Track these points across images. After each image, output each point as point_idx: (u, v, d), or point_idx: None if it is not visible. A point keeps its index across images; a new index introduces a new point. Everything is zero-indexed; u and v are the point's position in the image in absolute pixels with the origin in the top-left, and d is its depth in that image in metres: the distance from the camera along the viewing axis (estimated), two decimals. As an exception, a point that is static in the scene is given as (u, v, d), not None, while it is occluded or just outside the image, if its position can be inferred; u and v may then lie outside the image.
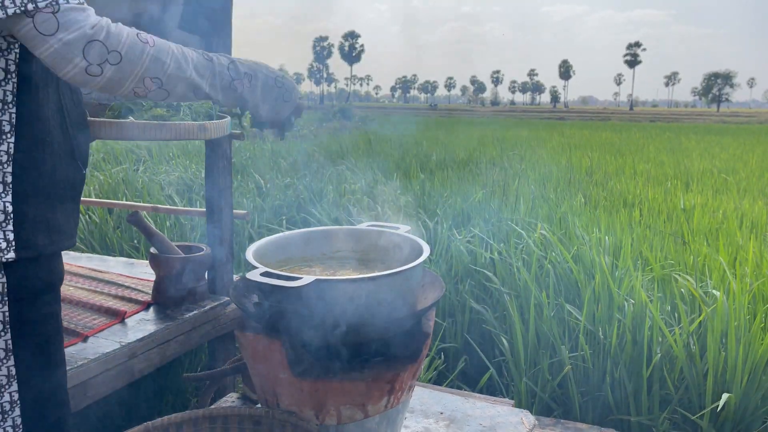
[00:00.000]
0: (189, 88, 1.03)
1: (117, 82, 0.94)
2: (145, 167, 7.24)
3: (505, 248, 3.51)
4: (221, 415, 1.28)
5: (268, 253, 1.43)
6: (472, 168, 8.31)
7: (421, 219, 4.34)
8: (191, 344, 2.05)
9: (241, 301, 1.35)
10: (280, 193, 5.58)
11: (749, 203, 5.86)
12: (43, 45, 0.88)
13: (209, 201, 2.28)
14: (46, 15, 0.87)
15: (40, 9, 0.87)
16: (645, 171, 8.79)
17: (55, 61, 0.89)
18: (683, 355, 2.29)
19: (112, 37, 0.91)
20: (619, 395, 2.35)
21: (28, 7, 0.86)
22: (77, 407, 1.62)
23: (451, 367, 2.78)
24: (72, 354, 1.67)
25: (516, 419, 1.68)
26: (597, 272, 2.70)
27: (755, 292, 2.67)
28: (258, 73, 1.16)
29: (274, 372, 1.26)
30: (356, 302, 1.19)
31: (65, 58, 0.88)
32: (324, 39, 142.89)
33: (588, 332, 2.53)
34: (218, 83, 1.08)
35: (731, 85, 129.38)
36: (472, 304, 2.95)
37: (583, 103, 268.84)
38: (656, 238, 3.90)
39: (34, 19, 0.87)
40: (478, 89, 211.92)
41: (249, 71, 1.14)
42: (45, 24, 0.87)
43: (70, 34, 0.88)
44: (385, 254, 1.51)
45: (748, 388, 2.17)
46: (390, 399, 1.30)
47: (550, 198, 5.68)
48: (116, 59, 0.92)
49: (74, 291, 2.21)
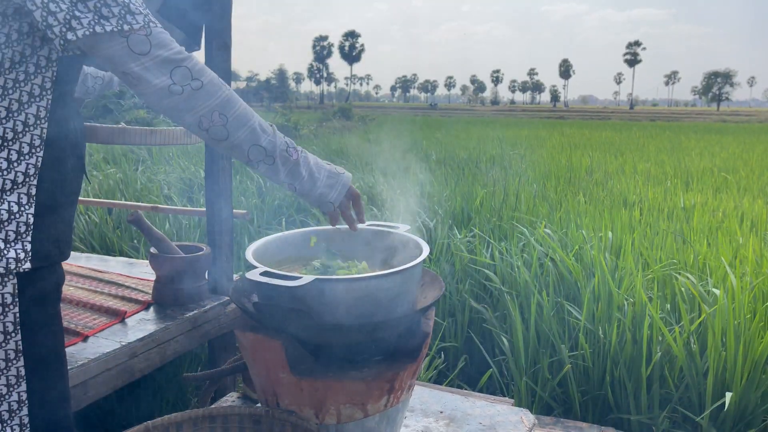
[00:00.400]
0: (249, 136, 1.09)
1: (190, 107, 1.02)
2: (144, 167, 7.24)
3: (506, 247, 3.51)
4: (221, 415, 1.28)
5: (267, 252, 1.43)
6: (472, 167, 8.31)
7: (421, 218, 4.34)
8: (191, 344, 2.05)
9: (241, 301, 1.35)
10: (280, 193, 5.58)
11: (749, 202, 5.86)
12: (135, 62, 0.97)
13: (209, 201, 2.28)
14: (140, 36, 0.97)
15: (135, 31, 0.96)
16: (645, 170, 8.79)
17: (143, 76, 0.98)
18: (683, 354, 2.29)
19: (198, 68, 1.02)
20: (619, 394, 2.35)
21: (123, 28, 0.95)
22: (78, 407, 1.62)
23: (451, 366, 2.78)
24: (72, 354, 1.67)
25: (516, 418, 1.68)
26: (597, 271, 2.70)
27: (755, 291, 2.67)
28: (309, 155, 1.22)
29: (273, 371, 1.27)
30: (356, 301, 1.19)
31: (154, 74, 0.98)
32: (324, 38, 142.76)
33: (588, 331, 2.54)
34: (276, 143, 1.13)
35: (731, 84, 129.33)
36: (472, 303, 2.95)
37: (583, 103, 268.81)
38: (657, 238, 3.90)
39: (129, 39, 0.96)
40: (478, 88, 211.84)
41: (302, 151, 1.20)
42: (139, 45, 0.97)
43: (163, 53, 0.98)
44: (385, 253, 1.51)
45: (747, 386, 2.17)
46: (390, 398, 1.30)
47: (551, 197, 5.68)
48: (197, 86, 1.01)
49: (74, 291, 2.21)
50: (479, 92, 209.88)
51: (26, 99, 1.00)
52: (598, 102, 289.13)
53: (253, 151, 1.11)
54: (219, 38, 2.19)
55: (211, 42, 2.18)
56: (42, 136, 1.02)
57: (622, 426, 2.31)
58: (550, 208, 4.93)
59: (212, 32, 2.17)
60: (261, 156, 1.12)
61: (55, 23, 0.92)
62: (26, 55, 0.99)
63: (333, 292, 1.18)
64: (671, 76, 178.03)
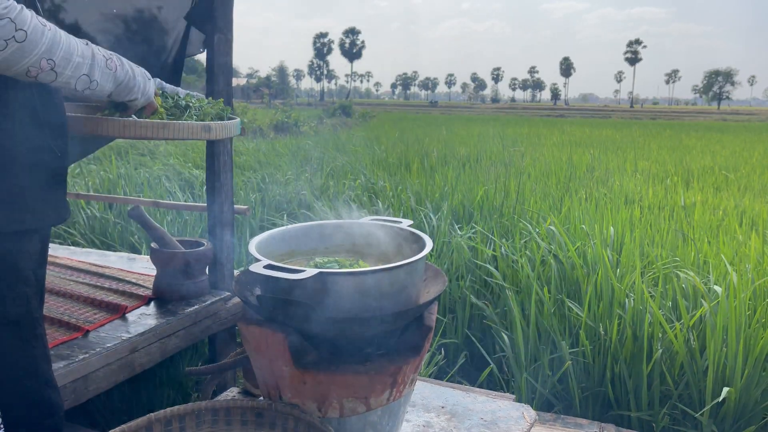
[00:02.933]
0: (74, 70, 1.07)
1: (16, 60, 0.97)
2: (146, 161, 7.23)
3: (508, 243, 3.51)
4: (224, 408, 1.29)
5: (270, 246, 1.43)
6: (473, 164, 8.30)
7: (423, 214, 4.34)
8: (192, 339, 2.05)
9: (244, 294, 1.35)
10: (281, 189, 5.57)
11: (750, 200, 5.86)
12: None
13: (210, 196, 2.28)
14: None
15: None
16: (646, 168, 8.79)
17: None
18: (684, 351, 2.29)
19: (21, 17, 0.95)
20: (620, 391, 2.35)
21: None
22: (79, 401, 1.62)
23: (451, 362, 2.78)
24: (73, 348, 1.67)
25: (517, 413, 1.68)
26: (600, 267, 2.70)
27: (756, 288, 2.67)
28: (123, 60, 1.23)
29: (276, 364, 1.26)
30: (359, 295, 1.19)
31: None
32: (324, 35, 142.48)
33: (588, 328, 2.54)
34: (95, 65, 1.13)
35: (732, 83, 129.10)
36: (472, 299, 2.95)
37: (583, 101, 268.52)
38: (657, 235, 3.90)
39: None
40: (478, 86, 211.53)
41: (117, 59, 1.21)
42: None
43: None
44: (388, 248, 1.51)
45: (748, 383, 2.17)
46: (392, 392, 1.30)
47: (552, 194, 5.68)
48: (22, 37, 0.96)
49: (75, 286, 2.21)
50: (480, 90, 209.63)
51: None
52: (599, 100, 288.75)
53: (80, 83, 1.11)
54: (220, 33, 2.19)
55: (213, 37, 2.18)
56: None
57: (623, 422, 2.31)
58: (552, 205, 4.92)
59: (214, 28, 2.17)
60: (86, 84, 1.13)
61: None
62: None
63: (336, 286, 1.18)
64: (672, 74, 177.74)
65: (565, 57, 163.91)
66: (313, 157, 8.59)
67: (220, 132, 1.51)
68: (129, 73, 1.23)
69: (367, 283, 1.20)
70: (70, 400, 1.59)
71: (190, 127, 1.42)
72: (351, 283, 1.19)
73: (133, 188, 5.54)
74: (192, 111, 1.54)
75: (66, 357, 1.62)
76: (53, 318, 1.85)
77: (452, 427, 1.62)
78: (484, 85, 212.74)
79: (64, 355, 1.63)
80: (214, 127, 1.48)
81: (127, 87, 1.24)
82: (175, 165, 6.88)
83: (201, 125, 1.45)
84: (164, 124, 1.37)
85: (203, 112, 1.57)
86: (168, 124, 1.37)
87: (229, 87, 2.24)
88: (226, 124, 1.53)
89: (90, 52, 1.12)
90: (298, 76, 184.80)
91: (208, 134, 1.47)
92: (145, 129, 1.34)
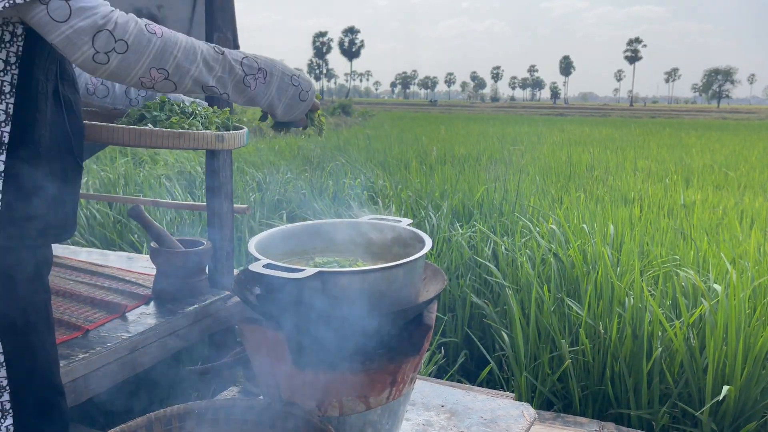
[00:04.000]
0: (196, 81, 1.04)
1: (124, 71, 0.97)
2: (145, 161, 7.23)
3: (508, 242, 3.52)
4: (223, 407, 1.29)
5: (270, 245, 1.43)
6: (472, 163, 8.30)
7: (422, 213, 4.34)
8: (192, 338, 2.05)
9: (244, 293, 1.35)
10: (280, 188, 5.57)
11: (750, 199, 5.86)
12: (56, 31, 0.92)
13: (209, 195, 2.28)
14: (59, 2, 0.91)
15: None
16: (645, 167, 8.79)
17: (66, 46, 0.93)
18: (683, 349, 2.29)
19: (120, 28, 0.95)
20: (619, 389, 2.35)
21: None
22: (78, 400, 1.62)
23: (451, 361, 2.79)
24: (73, 348, 1.68)
25: (517, 412, 1.69)
26: (600, 266, 2.70)
27: (755, 287, 2.67)
28: (273, 70, 1.15)
29: (276, 363, 1.27)
30: (358, 294, 1.19)
31: (75, 44, 0.92)
32: (323, 34, 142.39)
33: (588, 326, 2.54)
34: (228, 78, 1.08)
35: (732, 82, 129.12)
36: (472, 298, 2.95)
37: (583, 100, 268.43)
38: (657, 234, 3.90)
39: (48, 5, 0.91)
40: (478, 85, 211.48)
41: (264, 67, 1.13)
42: (58, 11, 0.91)
43: (81, 21, 0.92)
44: (387, 247, 1.51)
45: (747, 381, 2.18)
46: (392, 391, 1.30)
47: (551, 193, 5.68)
48: (123, 48, 0.95)
49: (75, 285, 2.21)
50: (479, 89, 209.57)
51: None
52: (599, 99, 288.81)
53: (207, 91, 1.08)
54: (220, 33, 2.18)
55: (212, 36, 2.17)
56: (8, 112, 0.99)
57: (622, 421, 2.32)
58: (551, 204, 4.93)
59: (214, 26, 2.17)
60: (216, 93, 1.09)
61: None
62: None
63: (336, 285, 1.18)
64: (671, 73, 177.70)
65: (565, 56, 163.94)
66: (312, 156, 8.59)
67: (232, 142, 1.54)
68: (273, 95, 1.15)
69: (367, 282, 1.20)
70: (70, 400, 1.58)
71: (205, 136, 1.43)
72: (350, 282, 1.19)
73: (133, 188, 5.54)
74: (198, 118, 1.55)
75: (66, 356, 1.61)
76: (53, 317, 1.85)
77: (452, 425, 1.62)
78: (483, 84, 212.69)
79: (64, 354, 1.63)
80: (227, 137, 1.51)
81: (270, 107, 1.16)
82: (175, 164, 6.88)
83: (215, 135, 1.46)
84: (179, 133, 1.37)
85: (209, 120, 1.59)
86: (183, 134, 1.37)
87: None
88: (236, 134, 1.56)
89: (222, 61, 1.07)
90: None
91: (221, 144, 1.48)
92: (161, 138, 1.34)
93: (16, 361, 1.07)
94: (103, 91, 1.60)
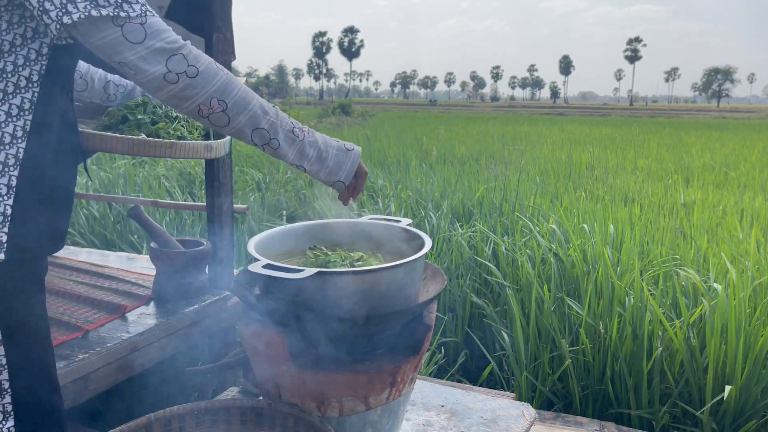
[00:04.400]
0: (250, 120, 1.08)
1: (188, 94, 1.01)
2: (144, 161, 7.23)
3: (509, 241, 3.51)
4: (223, 407, 1.29)
5: (269, 245, 1.43)
6: (472, 163, 8.30)
7: (422, 213, 4.34)
8: (192, 339, 2.05)
9: (243, 294, 1.35)
10: (280, 188, 5.57)
11: (750, 198, 5.86)
12: (130, 51, 0.96)
13: (209, 195, 2.27)
14: (134, 25, 0.96)
15: (131, 19, 0.95)
16: (645, 166, 8.79)
17: (139, 65, 0.97)
18: (684, 349, 2.29)
19: (193, 55, 1.01)
20: (620, 389, 2.35)
21: (120, 15, 0.94)
22: (78, 400, 1.62)
23: (451, 361, 2.79)
24: (73, 348, 1.67)
25: (517, 412, 1.68)
26: (600, 265, 2.70)
27: (756, 286, 2.67)
28: (317, 134, 1.19)
29: (276, 364, 1.26)
30: (358, 294, 1.19)
31: (149, 63, 0.97)
32: (323, 34, 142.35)
33: (588, 326, 2.54)
34: (278, 124, 1.12)
35: (731, 81, 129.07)
36: (473, 298, 2.95)
37: (583, 99, 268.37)
38: (657, 233, 3.90)
39: (123, 27, 0.95)
40: (477, 85, 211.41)
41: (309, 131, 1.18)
42: (133, 33, 0.96)
43: (157, 43, 0.97)
44: (387, 247, 1.51)
45: (748, 381, 2.18)
46: (392, 391, 1.30)
47: (552, 193, 5.68)
48: (193, 73, 1.00)
49: (74, 286, 2.21)
50: (479, 88, 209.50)
51: (11, 90, 1.00)
52: (598, 98, 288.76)
53: (256, 135, 1.10)
54: (219, 33, 2.18)
55: (211, 37, 2.17)
56: (25, 128, 1.02)
57: (623, 421, 2.31)
58: (551, 204, 4.92)
59: (212, 27, 2.16)
60: (265, 139, 1.11)
61: (51, 8, 0.92)
62: (16, 45, 0.99)
63: (335, 285, 1.18)
64: (671, 72, 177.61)
65: (565, 55, 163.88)
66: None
67: (219, 150, 1.68)
68: (321, 149, 1.17)
69: (366, 283, 1.19)
70: (70, 400, 1.59)
71: (195, 147, 1.56)
72: (350, 282, 1.19)
73: (133, 188, 5.54)
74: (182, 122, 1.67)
75: (66, 357, 1.61)
76: (53, 317, 1.84)
77: (452, 425, 1.62)
78: (483, 83, 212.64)
79: (64, 355, 1.63)
80: (215, 146, 1.64)
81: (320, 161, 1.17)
82: (175, 164, 6.88)
83: (204, 145, 1.59)
84: (171, 143, 1.49)
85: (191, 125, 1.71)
86: (175, 144, 1.50)
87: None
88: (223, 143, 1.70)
89: (275, 111, 1.12)
90: (297, 75, 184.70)
91: (210, 153, 1.62)
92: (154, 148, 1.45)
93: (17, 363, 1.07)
94: (82, 85, 1.62)
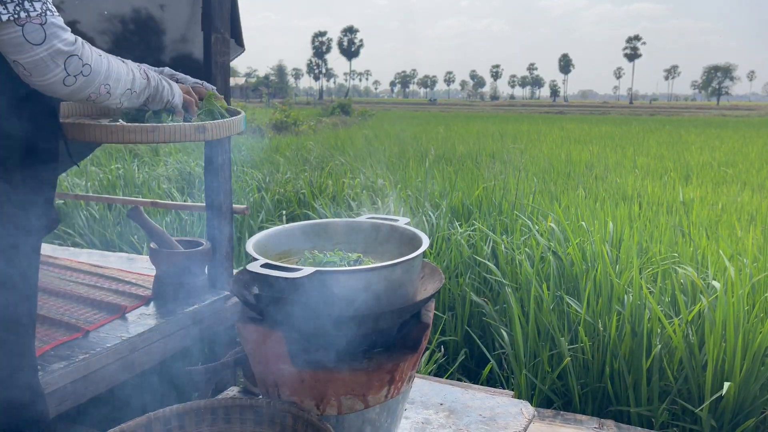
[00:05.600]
0: (123, 88, 1.13)
1: (81, 91, 1.05)
2: (144, 162, 7.23)
3: (508, 240, 3.52)
4: (222, 406, 1.29)
5: (268, 245, 1.44)
6: (471, 162, 8.30)
7: (421, 212, 4.34)
8: (192, 338, 2.06)
9: (242, 293, 1.35)
10: (280, 188, 5.58)
11: (749, 196, 5.87)
12: (29, 52, 0.95)
13: (209, 196, 2.28)
14: (35, 26, 0.94)
15: (31, 19, 0.93)
16: (645, 164, 8.79)
17: (38, 68, 0.96)
18: (683, 346, 2.30)
19: (86, 52, 1.02)
20: (619, 387, 2.36)
21: (20, 15, 0.92)
22: (79, 401, 1.63)
23: (450, 360, 2.79)
24: (73, 348, 1.68)
25: (516, 410, 1.69)
26: (599, 263, 2.71)
27: (754, 283, 2.67)
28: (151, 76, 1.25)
29: (274, 363, 1.27)
30: (356, 293, 1.20)
31: (48, 67, 0.97)
32: (323, 34, 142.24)
33: (587, 324, 2.54)
34: (138, 84, 1.18)
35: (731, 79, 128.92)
36: (472, 296, 2.95)
37: (582, 97, 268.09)
38: (656, 231, 3.90)
39: (24, 27, 0.93)
40: (477, 84, 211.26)
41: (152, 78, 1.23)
42: (33, 33, 0.94)
43: (57, 44, 0.96)
44: (385, 246, 1.51)
45: (746, 378, 2.18)
46: (390, 389, 1.30)
47: (551, 191, 5.68)
48: (87, 71, 1.03)
49: (75, 286, 2.22)
50: (479, 88, 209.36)
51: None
52: (598, 97, 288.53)
53: (125, 99, 1.16)
54: (218, 33, 2.19)
55: (210, 37, 2.18)
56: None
57: (622, 418, 2.32)
58: (551, 202, 4.93)
59: (211, 27, 2.17)
60: (129, 98, 1.17)
61: None
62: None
63: (333, 284, 1.18)
64: (671, 70, 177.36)
65: (564, 54, 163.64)
66: (312, 155, 8.59)
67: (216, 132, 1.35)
68: (157, 78, 1.24)
69: (364, 281, 1.20)
70: (70, 400, 1.59)
71: (182, 128, 1.29)
72: (348, 281, 1.19)
73: (133, 189, 5.55)
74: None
75: (66, 357, 1.62)
76: (53, 318, 1.85)
77: (451, 423, 1.63)
78: (483, 82, 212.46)
79: (64, 355, 1.63)
80: (209, 127, 1.33)
81: (157, 91, 1.25)
82: (175, 165, 6.88)
83: (194, 126, 1.31)
84: (153, 127, 1.26)
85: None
86: (157, 127, 1.26)
87: (227, 87, 2.25)
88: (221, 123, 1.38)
89: (127, 68, 1.16)
90: (297, 75, 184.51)
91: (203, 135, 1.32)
92: (133, 134, 1.25)
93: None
94: None
